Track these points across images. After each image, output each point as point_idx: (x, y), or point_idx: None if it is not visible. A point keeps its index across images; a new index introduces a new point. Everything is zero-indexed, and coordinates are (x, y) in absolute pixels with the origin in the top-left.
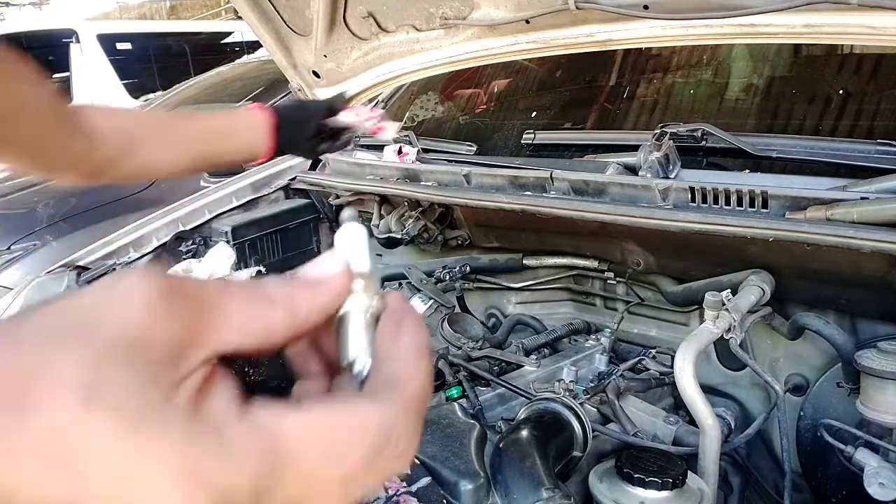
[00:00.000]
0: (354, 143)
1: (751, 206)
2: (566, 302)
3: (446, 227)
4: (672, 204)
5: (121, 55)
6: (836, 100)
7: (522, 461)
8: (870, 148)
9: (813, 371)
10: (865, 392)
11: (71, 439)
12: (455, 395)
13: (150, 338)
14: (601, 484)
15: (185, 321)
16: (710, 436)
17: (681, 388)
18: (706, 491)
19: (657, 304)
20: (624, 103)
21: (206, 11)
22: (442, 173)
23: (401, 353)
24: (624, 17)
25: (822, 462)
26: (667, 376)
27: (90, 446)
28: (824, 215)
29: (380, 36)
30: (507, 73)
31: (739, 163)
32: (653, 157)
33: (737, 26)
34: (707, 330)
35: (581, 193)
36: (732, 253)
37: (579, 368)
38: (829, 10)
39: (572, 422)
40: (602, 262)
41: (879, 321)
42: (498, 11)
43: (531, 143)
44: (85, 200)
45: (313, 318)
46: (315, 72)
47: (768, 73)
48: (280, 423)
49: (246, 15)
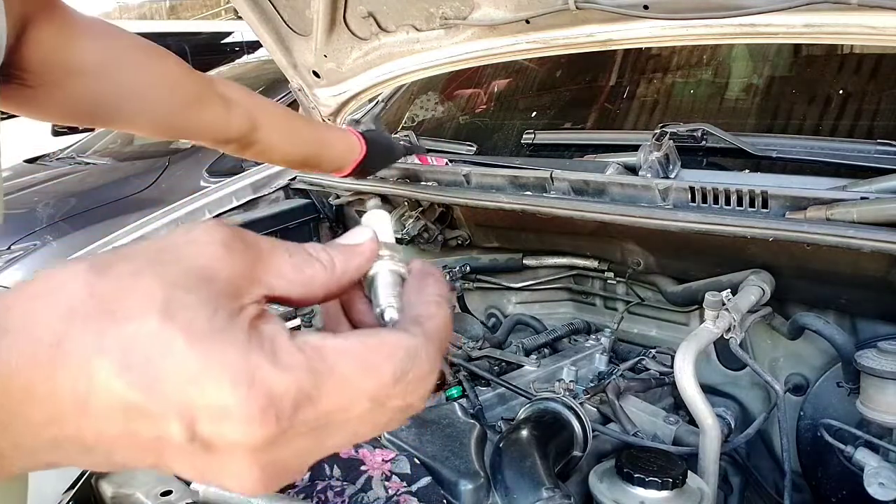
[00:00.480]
0: None
1: (751, 206)
2: (566, 302)
3: (446, 227)
4: (672, 204)
5: None
6: (836, 100)
7: (522, 461)
8: (870, 148)
9: (813, 371)
10: (865, 392)
11: (150, 347)
12: (455, 395)
13: (216, 271)
14: (601, 484)
15: (244, 262)
16: (710, 436)
17: (681, 388)
18: (706, 491)
19: (657, 304)
20: (624, 103)
21: (206, 11)
22: (442, 173)
23: (424, 299)
24: (624, 17)
25: (822, 462)
26: (667, 376)
27: (165, 353)
28: (824, 215)
29: (380, 36)
30: (507, 73)
31: (739, 163)
32: (653, 156)
33: (737, 26)
34: (707, 330)
35: (581, 193)
36: (732, 253)
37: (579, 368)
38: (829, 10)
39: (572, 422)
40: (602, 262)
41: (879, 321)
42: (498, 11)
43: (531, 143)
44: (85, 200)
45: (348, 276)
46: (315, 72)
47: (768, 73)
48: (322, 343)
49: (246, 15)
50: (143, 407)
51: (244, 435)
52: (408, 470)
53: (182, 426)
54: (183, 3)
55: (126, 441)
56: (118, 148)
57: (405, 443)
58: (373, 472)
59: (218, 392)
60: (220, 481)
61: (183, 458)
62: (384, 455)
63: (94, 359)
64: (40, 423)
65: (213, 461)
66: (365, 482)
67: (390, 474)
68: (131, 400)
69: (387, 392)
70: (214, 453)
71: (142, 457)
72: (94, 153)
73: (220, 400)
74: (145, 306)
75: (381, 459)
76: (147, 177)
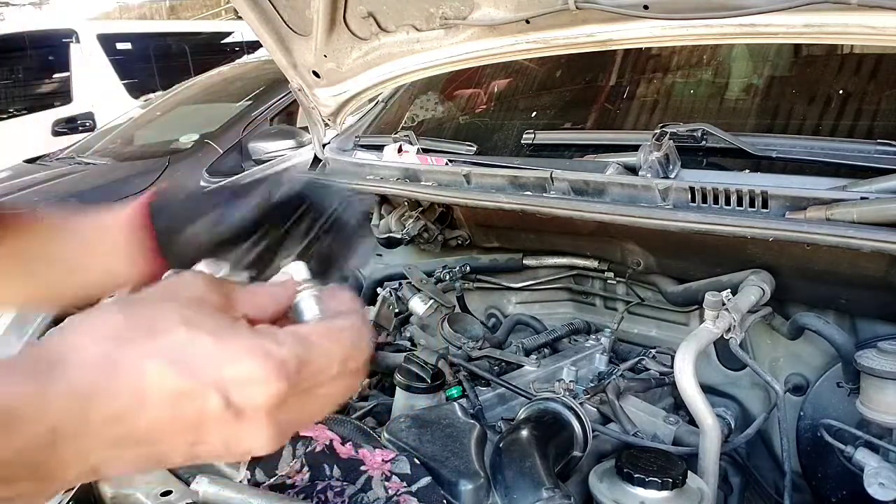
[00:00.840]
0: (355, 144)
1: (751, 206)
2: (566, 302)
3: (446, 227)
4: (672, 204)
5: (121, 55)
6: (836, 100)
7: (522, 461)
8: (870, 148)
9: (813, 371)
10: (865, 392)
11: (185, 347)
12: (455, 395)
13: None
14: (601, 484)
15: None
16: (710, 436)
17: (681, 388)
18: (706, 491)
19: (657, 304)
20: (624, 103)
21: (206, 11)
22: (442, 173)
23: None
24: (624, 17)
25: (822, 462)
26: (667, 376)
27: (197, 349)
28: (824, 215)
29: (380, 36)
30: (507, 73)
31: (739, 163)
32: (653, 157)
33: (737, 26)
34: (707, 330)
35: (581, 193)
36: (732, 253)
37: (579, 368)
38: (829, 10)
39: (572, 422)
40: (602, 262)
41: (879, 321)
42: (498, 11)
43: (531, 143)
44: (85, 200)
45: (283, 303)
46: (315, 72)
47: (768, 73)
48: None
49: (246, 15)
50: (188, 389)
51: (265, 393)
52: (408, 470)
53: (219, 396)
54: (183, 3)
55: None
56: (118, 148)
57: (405, 443)
58: (373, 472)
59: (242, 366)
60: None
61: (218, 429)
62: (384, 455)
63: (146, 363)
64: (104, 423)
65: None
66: (365, 482)
67: (390, 474)
68: (179, 385)
69: (349, 355)
70: (241, 418)
71: (184, 437)
72: (94, 153)
73: (245, 371)
74: (172, 323)
75: (381, 459)
76: (147, 177)
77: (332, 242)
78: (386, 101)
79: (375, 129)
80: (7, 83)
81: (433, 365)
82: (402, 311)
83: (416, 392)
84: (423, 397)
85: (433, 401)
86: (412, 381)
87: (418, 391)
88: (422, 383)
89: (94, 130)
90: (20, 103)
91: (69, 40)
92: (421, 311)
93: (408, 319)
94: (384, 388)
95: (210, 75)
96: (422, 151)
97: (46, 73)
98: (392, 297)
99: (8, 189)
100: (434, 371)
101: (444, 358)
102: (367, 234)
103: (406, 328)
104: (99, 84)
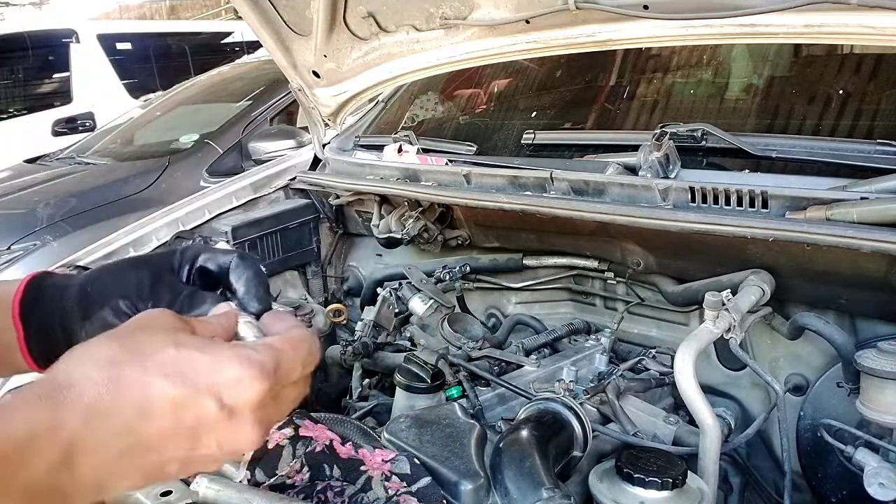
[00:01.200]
0: (355, 144)
1: (751, 206)
2: (566, 302)
3: (446, 227)
4: (672, 204)
5: (121, 55)
6: (836, 100)
7: (522, 461)
8: (870, 148)
9: (813, 371)
10: (865, 392)
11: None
12: (455, 395)
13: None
14: (601, 484)
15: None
16: (710, 436)
17: (681, 388)
18: (706, 491)
19: (657, 304)
20: (624, 103)
21: (206, 11)
22: (442, 173)
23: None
24: (624, 17)
25: (822, 462)
26: (667, 376)
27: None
28: (824, 215)
29: (380, 36)
30: (507, 73)
31: (739, 163)
32: (653, 157)
33: (737, 26)
34: (707, 330)
35: (581, 193)
36: (732, 253)
37: (579, 368)
38: (829, 10)
39: (572, 422)
40: (602, 262)
41: (879, 321)
42: (498, 11)
43: (531, 143)
44: (85, 200)
45: (230, 330)
46: (315, 72)
47: (768, 73)
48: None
49: (246, 15)
50: (186, 397)
51: (252, 391)
52: (408, 470)
53: (213, 400)
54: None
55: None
56: (118, 148)
57: (405, 443)
58: (373, 473)
59: (230, 371)
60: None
61: (213, 431)
62: (384, 455)
63: (146, 379)
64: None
65: (231, 426)
66: (365, 482)
67: (390, 474)
68: (178, 395)
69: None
70: (233, 417)
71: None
72: (94, 153)
73: (232, 375)
74: (161, 344)
75: (381, 459)
76: (147, 177)
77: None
78: (386, 102)
79: (375, 130)
80: (7, 83)
81: (433, 365)
82: (402, 311)
83: (416, 392)
84: (423, 397)
85: (433, 401)
86: (412, 381)
87: (418, 391)
88: (422, 383)
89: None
90: (20, 103)
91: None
92: (421, 311)
93: (408, 319)
94: (384, 388)
95: (210, 75)
96: (422, 151)
97: (46, 73)
98: (392, 297)
99: (8, 189)
100: (434, 371)
101: (444, 358)
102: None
103: (406, 328)
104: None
